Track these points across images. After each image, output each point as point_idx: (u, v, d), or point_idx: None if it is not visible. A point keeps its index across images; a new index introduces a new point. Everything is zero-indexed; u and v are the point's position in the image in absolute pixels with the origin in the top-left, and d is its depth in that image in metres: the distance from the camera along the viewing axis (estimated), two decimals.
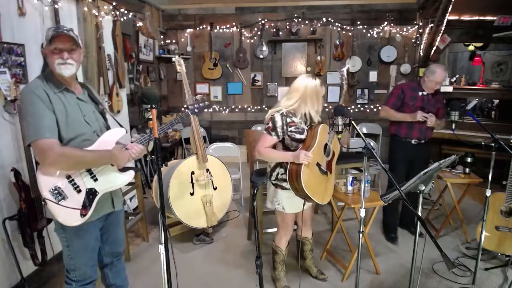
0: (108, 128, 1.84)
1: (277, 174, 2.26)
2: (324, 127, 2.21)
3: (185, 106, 2.14)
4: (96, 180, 1.67)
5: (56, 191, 1.56)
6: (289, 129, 2.16)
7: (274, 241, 2.48)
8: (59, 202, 1.56)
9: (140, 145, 1.77)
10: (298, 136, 2.17)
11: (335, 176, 2.48)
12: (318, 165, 2.18)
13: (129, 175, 1.78)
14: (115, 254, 1.99)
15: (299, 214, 2.45)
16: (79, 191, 1.62)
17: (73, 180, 1.61)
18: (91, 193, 1.64)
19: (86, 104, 1.73)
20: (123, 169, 1.77)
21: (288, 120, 2.15)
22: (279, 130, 2.14)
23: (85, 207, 1.62)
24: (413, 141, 3.04)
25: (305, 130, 2.20)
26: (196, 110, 2.07)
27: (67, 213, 1.59)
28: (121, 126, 1.82)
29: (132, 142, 1.78)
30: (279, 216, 2.40)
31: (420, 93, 3.01)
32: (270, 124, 2.15)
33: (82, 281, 1.77)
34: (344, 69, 2.42)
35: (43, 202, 1.56)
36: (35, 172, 2.21)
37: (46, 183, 1.56)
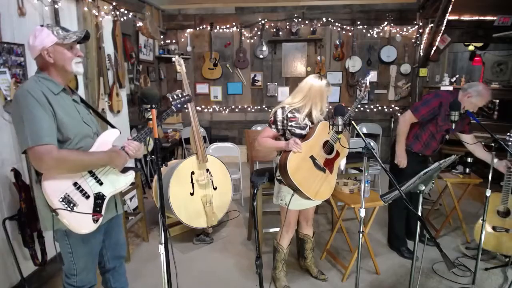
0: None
1: None
2: (325, 124, 2.24)
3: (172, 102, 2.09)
4: (101, 184, 1.64)
5: (66, 199, 1.51)
6: (290, 123, 2.24)
7: (276, 239, 2.49)
8: (73, 210, 1.51)
9: (135, 141, 1.74)
10: (298, 131, 2.24)
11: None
12: (313, 158, 2.20)
13: (131, 176, 1.77)
14: (118, 258, 1.96)
15: (302, 213, 2.48)
16: (88, 196, 1.58)
17: (80, 186, 1.56)
18: (99, 198, 1.62)
19: (79, 106, 1.70)
20: (124, 170, 1.76)
21: (290, 115, 2.24)
22: (279, 123, 2.25)
23: (96, 211, 1.59)
24: (426, 155, 2.87)
25: (308, 127, 2.26)
26: (179, 106, 2.03)
27: (80, 220, 1.54)
28: (113, 127, 1.81)
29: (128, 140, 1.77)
30: (282, 213, 2.42)
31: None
32: (272, 118, 2.28)
33: (82, 286, 1.75)
34: (368, 78, 2.25)
35: (53, 213, 1.49)
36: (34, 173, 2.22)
37: (54, 193, 1.49)
